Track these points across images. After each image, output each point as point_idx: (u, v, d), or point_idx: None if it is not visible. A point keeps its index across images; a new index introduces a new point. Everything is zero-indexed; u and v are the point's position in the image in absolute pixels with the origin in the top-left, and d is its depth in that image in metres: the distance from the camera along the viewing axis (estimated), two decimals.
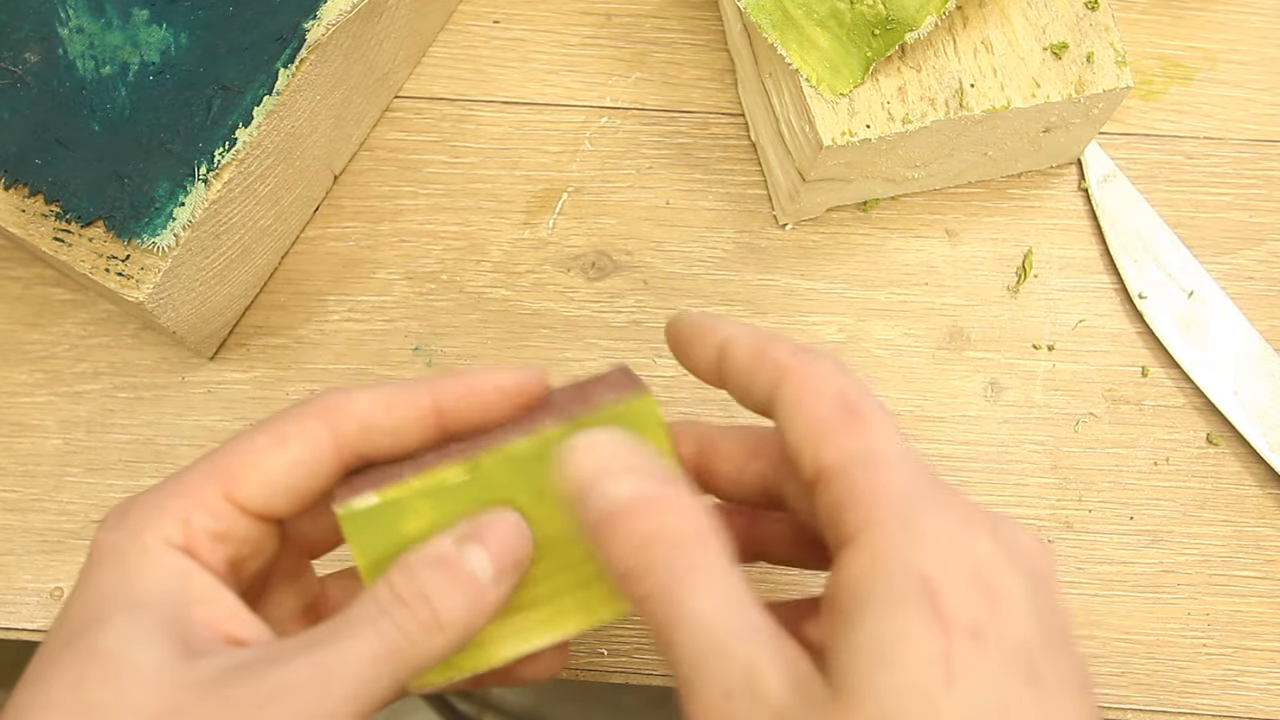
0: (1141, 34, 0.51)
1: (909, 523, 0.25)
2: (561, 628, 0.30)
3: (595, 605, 0.30)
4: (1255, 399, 0.46)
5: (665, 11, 0.50)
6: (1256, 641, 0.44)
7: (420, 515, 0.29)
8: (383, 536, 0.29)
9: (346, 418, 0.29)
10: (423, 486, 0.29)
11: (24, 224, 0.40)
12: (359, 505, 0.29)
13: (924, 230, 0.48)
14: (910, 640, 0.23)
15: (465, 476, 0.29)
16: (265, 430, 0.29)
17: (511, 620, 0.29)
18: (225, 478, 0.28)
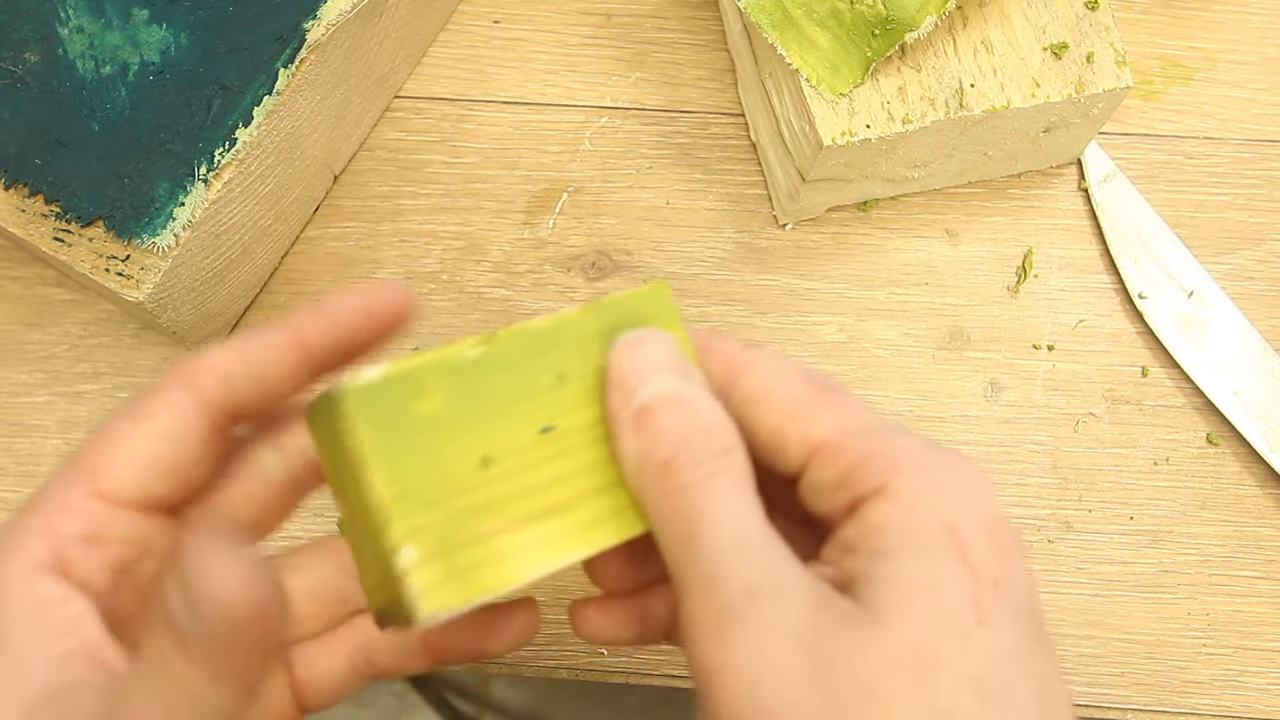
0: (1141, 34, 0.51)
1: (934, 475, 0.26)
2: (592, 540, 0.27)
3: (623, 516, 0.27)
4: (1255, 399, 0.46)
5: (665, 11, 0.50)
6: (1256, 641, 0.44)
7: (433, 395, 0.26)
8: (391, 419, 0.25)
9: (203, 374, 0.26)
10: (437, 359, 0.26)
11: (24, 224, 0.40)
12: (365, 379, 0.25)
13: (924, 230, 0.48)
14: (945, 579, 0.24)
15: (481, 349, 0.27)
16: (124, 413, 0.26)
17: (527, 531, 0.26)
18: (90, 473, 0.26)
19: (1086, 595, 0.44)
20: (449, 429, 0.26)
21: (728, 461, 0.26)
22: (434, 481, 0.26)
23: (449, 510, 0.26)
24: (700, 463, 0.26)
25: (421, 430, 0.25)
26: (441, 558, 0.25)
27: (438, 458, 0.26)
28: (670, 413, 0.26)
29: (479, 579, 0.25)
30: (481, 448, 0.26)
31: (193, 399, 0.26)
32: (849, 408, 0.28)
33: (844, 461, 0.27)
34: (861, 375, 0.46)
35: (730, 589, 0.24)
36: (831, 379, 0.29)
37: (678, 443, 0.26)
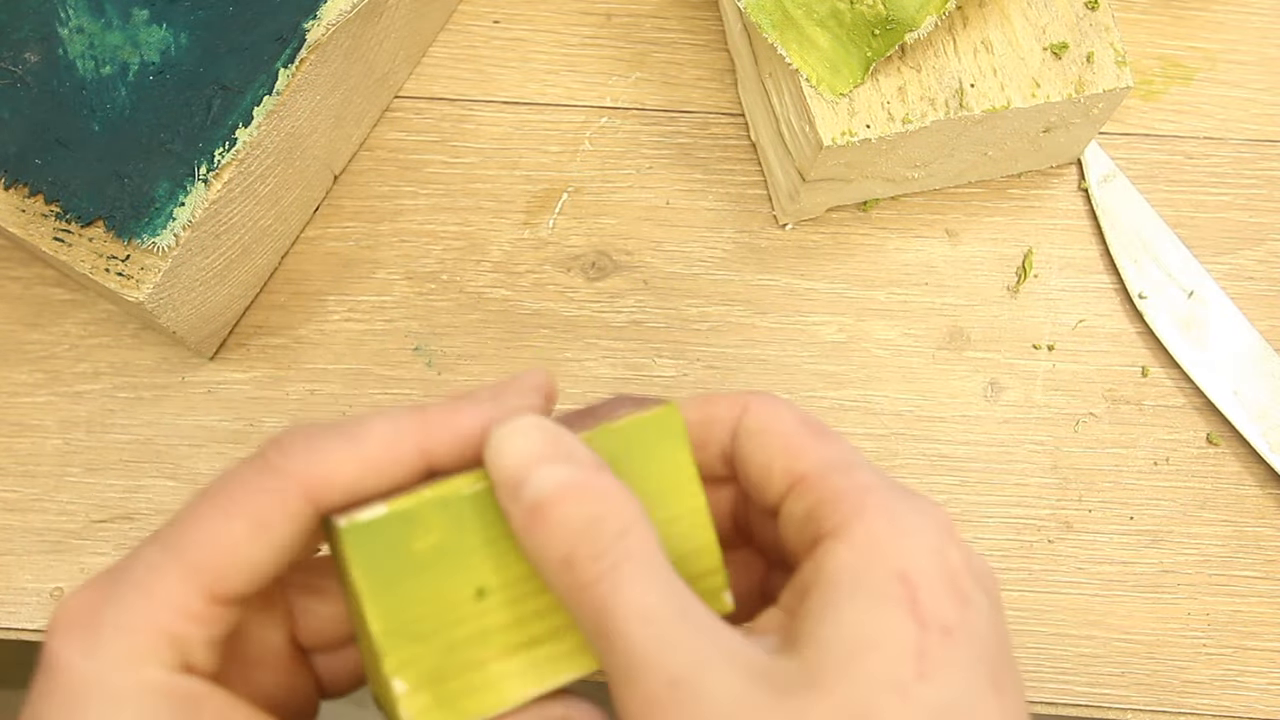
0: (1141, 34, 0.51)
1: (894, 520, 0.25)
2: (579, 664, 0.27)
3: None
4: (1255, 399, 0.46)
5: (665, 11, 0.50)
6: (1256, 641, 0.44)
7: (432, 531, 0.26)
8: (389, 554, 0.26)
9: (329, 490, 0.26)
10: (438, 497, 0.26)
11: (24, 224, 0.40)
12: (365, 518, 0.26)
13: (924, 230, 0.48)
14: (887, 631, 0.24)
15: (480, 485, 0.27)
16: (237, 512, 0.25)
17: (523, 655, 0.27)
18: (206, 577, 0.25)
19: (1086, 595, 0.44)
20: (446, 563, 0.27)
21: (629, 543, 0.25)
22: (428, 615, 0.27)
23: (442, 642, 0.27)
24: (600, 554, 0.25)
25: (418, 566, 0.26)
26: (432, 686, 0.27)
27: (433, 592, 0.27)
28: (559, 507, 0.25)
29: (468, 705, 0.27)
30: (477, 580, 0.27)
31: (312, 512, 0.26)
32: (837, 447, 0.28)
33: (814, 496, 0.27)
34: (861, 375, 0.46)
35: (652, 682, 0.23)
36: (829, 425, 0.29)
37: (572, 537, 0.25)
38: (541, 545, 0.25)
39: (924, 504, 0.26)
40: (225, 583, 0.25)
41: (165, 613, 0.25)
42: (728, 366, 0.46)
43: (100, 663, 0.24)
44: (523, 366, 0.46)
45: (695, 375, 0.46)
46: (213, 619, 0.25)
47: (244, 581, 0.26)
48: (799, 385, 0.46)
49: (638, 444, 0.28)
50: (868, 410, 0.46)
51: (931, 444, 0.46)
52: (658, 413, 0.28)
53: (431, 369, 0.46)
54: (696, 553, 0.29)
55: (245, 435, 0.45)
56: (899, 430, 0.46)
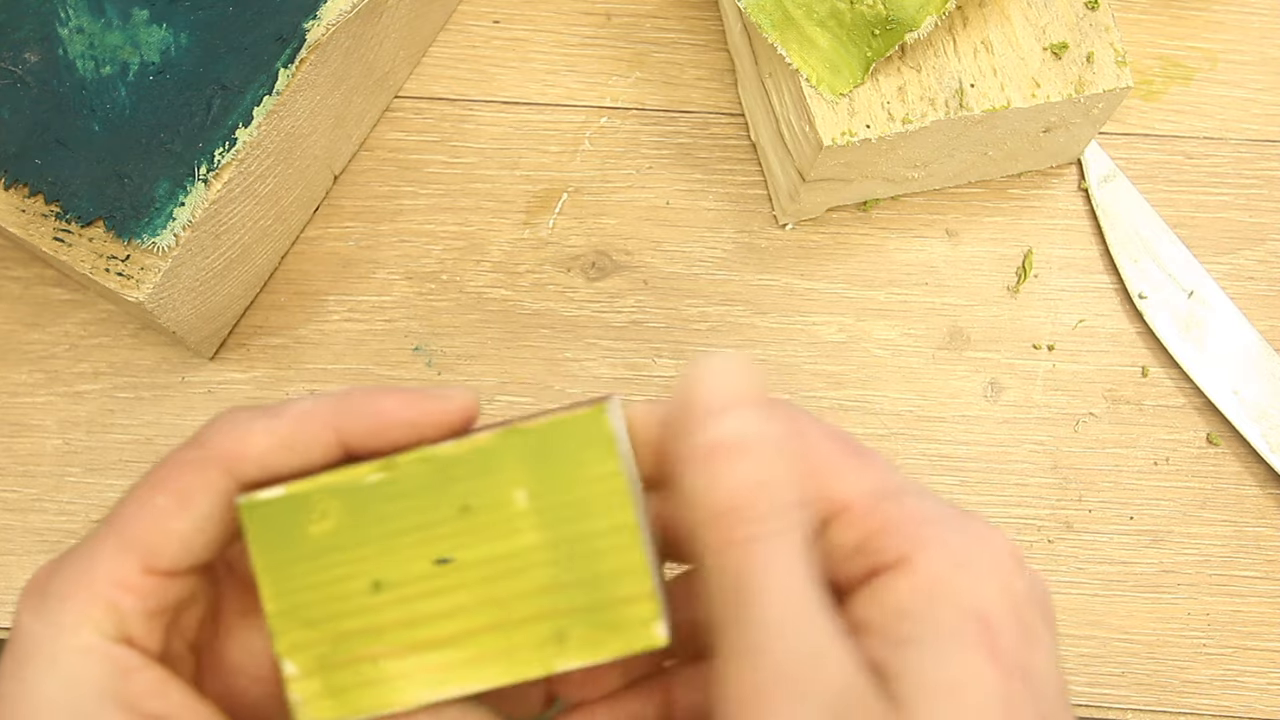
0: (1141, 34, 0.51)
1: (958, 553, 0.24)
2: (479, 676, 0.26)
3: (523, 654, 0.26)
4: (1255, 399, 0.46)
5: (665, 11, 0.50)
6: (1256, 641, 0.44)
7: (328, 517, 0.26)
8: (285, 536, 0.26)
9: (243, 462, 0.27)
10: (333, 483, 0.26)
11: (24, 224, 0.40)
12: (262, 496, 0.26)
13: (924, 230, 0.48)
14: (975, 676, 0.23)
15: (380, 476, 0.26)
16: (164, 488, 0.27)
17: (419, 657, 0.26)
18: (139, 549, 0.26)
19: (1086, 595, 0.44)
20: (341, 552, 0.27)
21: (792, 521, 0.24)
22: (320, 601, 0.27)
23: (333, 630, 0.27)
24: (764, 518, 0.24)
25: (313, 551, 0.26)
26: (321, 674, 0.27)
27: (327, 578, 0.27)
28: (742, 456, 0.24)
29: (358, 699, 0.26)
30: (374, 573, 0.27)
31: (231, 484, 0.27)
32: (876, 469, 0.26)
33: (865, 527, 0.25)
34: (861, 375, 0.46)
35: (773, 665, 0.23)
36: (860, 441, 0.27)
37: (744, 491, 0.24)
38: (707, 486, 0.24)
39: (983, 529, 0.25)
40: (156, 555, 0.26)
41: (102, 582, 0.26)
42: None
43: (45, 625, 0.26)
44: (523, 366, 0.46)
45: None
46: (148, 590, 0.26)
47: (174, 553, 0.26)
48: (799, 385, 0.46)
49: (559, 448, 0.26)
50: (868, 410, 0.46)
51: (931, 444, 0.46)
52: (582, 414, 0.26)
53: (431, 369, 0.46)
54: (620, 574, 0.26)
55: None
56: (899, 430, 0.46)
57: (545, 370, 0.46)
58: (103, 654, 0.26)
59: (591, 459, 0.26)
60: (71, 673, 0.25)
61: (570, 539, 0.26)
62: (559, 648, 0.26)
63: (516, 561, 0.27)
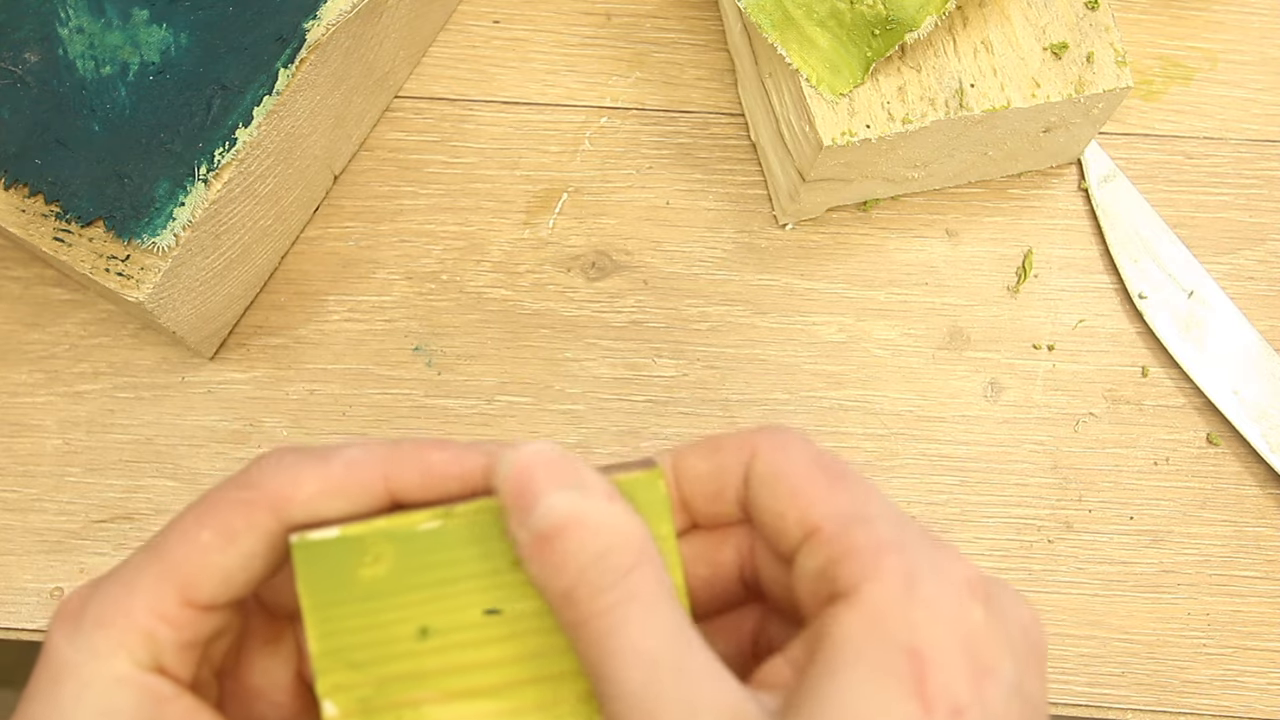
0: (1141, 34, 0.51)
1: (911, 584, 0.24)
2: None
3: (562, 708, 0.26)
4: (1255, 399, 0.46)
5: (665, 11, 0.50)
6: (1256, 641, 0.44)
7: (381, 561, 0.27)
8: (335, 577, 0.27)
9: (292, 505, 0.27)
10: (389, 528, 0.27)
11: (24, 224, 0.40)
12: (316, 537, 0.27)
13: (924, 230, 0.48)
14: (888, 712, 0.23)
15: (436, 524, 0.27)
16: (210, 524, 0.27)
17: (461, 705, 0.26)
18: (179, 582, 0.26)
19: (1086, 595, 0.44)
20: (392, 596, 0.27)
21: (635, 581, 0.24)
22: (367, 644, 0.27)
23: (378, 674, 0.27)
24: (604, 589, 0.24)
25: (364, 594, 0.26)
26: (362, 717, 0.26)
27: (375, 621, 0.27)
28: (566, 538, 0.25)
29: None
30: (422, 619, 0.27)
31: (278, 527, 0.27)
32: (855, 493, 0.26)
33: (828, 552, 0.25)
34: (861, 375, 0.46)
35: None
36: (846, 463, 0.27)
37: (578, 569, 0.24)
38: (547, 574, 0.25)
39: (947, 560, 0.25)
40: (196, 588, 0.26)
41: (140, 611, 0.26)
42: (728, 366, 0.46)
43: (79, 651, 0.26)
44: (523, 366, 0.46)
45: (695, 375, 0.46)
46: (185, 623, 0.26)
47: (214, 588, 0.26)
48: (799, 385, 0.46)
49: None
50: (868, 410, 0.46)
51: (931, 444, 0.46)
52: (639, 476, 0.27)
53: (431, 369, 0.46)
54: None
55: (245, 435, 0.45)
56: (899, 430, 0.46)
57: (545, 370, 0.46)
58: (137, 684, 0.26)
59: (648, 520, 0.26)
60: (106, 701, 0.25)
61: None
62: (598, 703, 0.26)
63: None
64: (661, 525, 0.27)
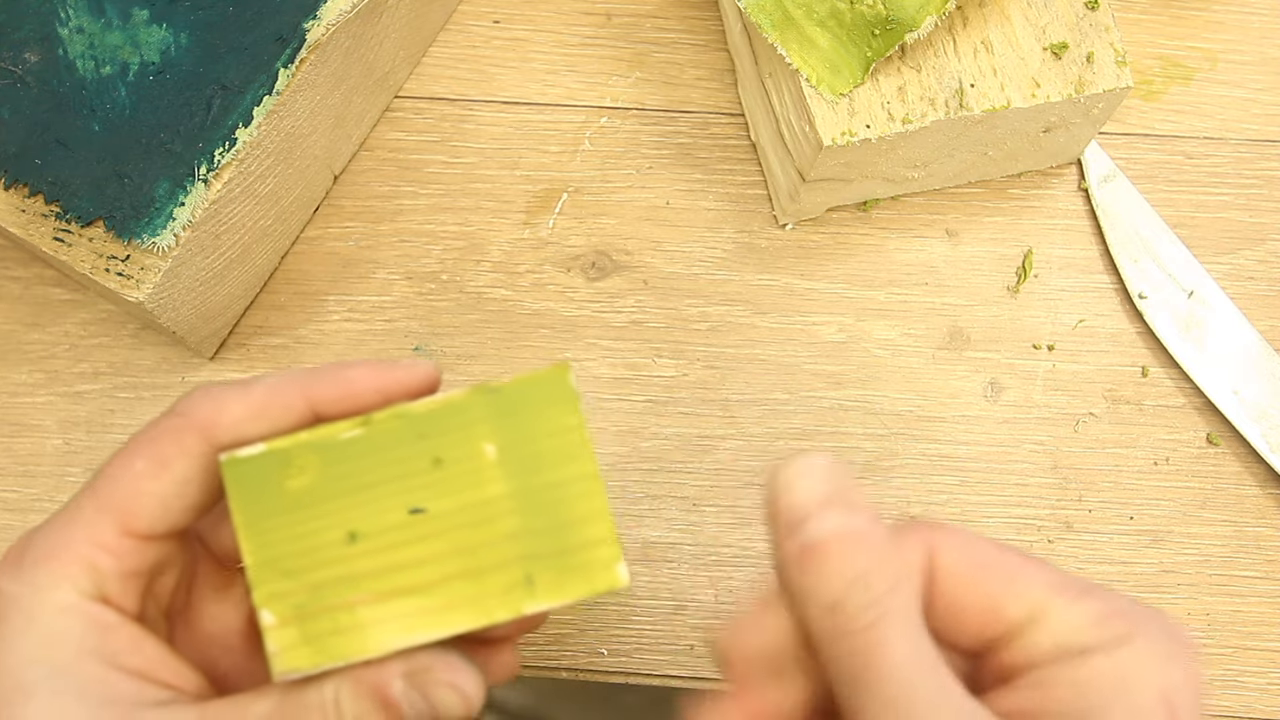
0: (1141, 34, 0.51)
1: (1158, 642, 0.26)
2: (451, 621, 0.28)
3: (491, 599, 0.28)
4: (1255, 399, 0.46)
5: (665, 11, 0.50)
6: (1256, 641, 0.44)
7: (306, 472, 0.28)
8: (265, 490, 0.28)
9: (219, 429, 0.28)
10: (310, 439, 0.28)
11: (24, 224, 0.40)
12: (243, 454, 0.28)
13: (924, 230, 0.48)
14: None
15: (357, 432, 0.28)
16: (142, 453, 0.28)
17: (393, 604, 0.27)
18: (117, 512, 0.27)
19: None
20: (318, 504, 0.28)
21: (898, 599, 0.26)
22: (298, 552, 0.28)
23: (310, 580, 0.28)
24: (869, 604, 0.25)
25: (291, 504, 0.28)
26: (298, 623, 0.28)
27: (304, 530, 0.28)
28: (838, 552, 0.26)
29: (333, 646, 0.27)
30: (349, 524, 0.28)
31: (207, 449, 0.28)
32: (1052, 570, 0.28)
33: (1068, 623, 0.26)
34: (861, 375, 0.46)
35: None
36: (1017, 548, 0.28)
37: (847, 584, 0.25)
38: (811, 585, 0.26)
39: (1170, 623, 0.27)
40: (134, 516, 0.27)
41: (80, 543, 0.27)
42: (728, 366, 0.46)
43: (22, 585, 0.27)
44: (523, 366, 0.46)
45: (695, 375, 0.46)
46: (126, 551, 0.27)
47: (151, 516, 0.28)
48: (799, 385, 0.46)
49: (524, 404, 0.28)
50: (868, 410, 0.46)
51: (931, 444, 0.46)
52: (545, 372, 0.28)
53: None
54: (583, 520, 0.28)
55: None
56: (899, 430, 0.46)
57: None
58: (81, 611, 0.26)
59: (556, 414, 0.28)
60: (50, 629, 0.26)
61: (536, 488, 0.28)
62: (526, 591, 0.28)
63: (486, 510, 0.28)
64: (571, 416, 0.28)
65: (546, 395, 0.28)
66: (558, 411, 0.28)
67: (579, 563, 0.28)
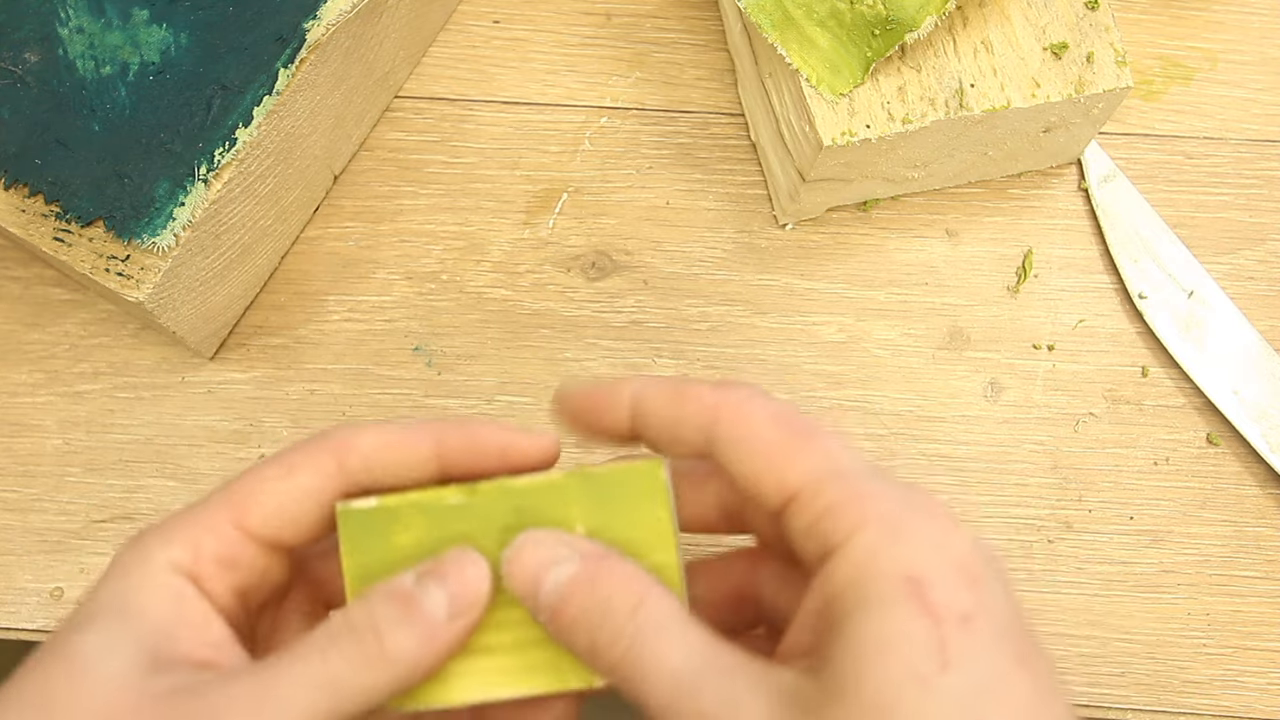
0: (1141, 34, 0.51)
1: (894, 526, 0.26)
2: (526, 683, 0.29)
3: (565, 669, 0.29)
4: (1255, 399, 0.46)
5: (665, 11, 0.50)
6: (1256, 641, 0.44)
7: (411, 529, 0.30)
8: (373, 541, 0.30)
9: (351, 452, 0.30)
10: (419, 500, 0.30)
11: (24, 224, 0.40)
12: (357, 505, 0.30)
13: (924, 230, 0.48)
14: (902, 632, 0.24)
15: (461, 499, 0.30)
16: (275, 461, 0.30)
17: (477, 661, 0.29)
18: (236, 506, 0.29)
19: (1086, 595, 0.44)
20: (418, 560, 0.30)
21: (642, 618, 0.27)
22: None
23: None
24: (617, 635, 0.27)
25: (396, 557, 0.30)
26: None
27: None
28: (572, 602, 0.27)
29: (419, 693, 0.29)
30: None
31: (336, 469, 0.30)
32: (823, 450, 0.28)
33: (813, 510, 0.27)
34: (861, 375, 0.46)
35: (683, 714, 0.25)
36: (806, 415, 0.29)
37: (590, 626, 0.27)
38: (569, 640, 0.28)
39: (921, 500, 0.27)
40: (249, 513, 0.29)
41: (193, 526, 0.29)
42: (728, 366, 0.46)
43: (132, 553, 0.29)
44: (523, 366, 0.46)
45: (695, 375, 0.46)
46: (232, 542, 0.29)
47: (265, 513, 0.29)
48: (799, 385, 0.46)
49: (617, 492, 0.30)
50: (868, 410, 0.46)
51: (931, 444, 0.46)
52: (641, 465, 0.30)
53: (431, 369, 0.46)
54: None
55: (245, 435, 0.45)
56: (899, 430, 0.46)
57: (545, 370, 0.46)
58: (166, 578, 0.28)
59: (646, 505, 0.30)
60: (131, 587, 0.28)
61: None
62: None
63: None
64: (660, 510, 0.30)
65: (640, 487, 0.30)
66: (648, 503, 0.30)
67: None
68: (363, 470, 0.30)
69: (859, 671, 0.24)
